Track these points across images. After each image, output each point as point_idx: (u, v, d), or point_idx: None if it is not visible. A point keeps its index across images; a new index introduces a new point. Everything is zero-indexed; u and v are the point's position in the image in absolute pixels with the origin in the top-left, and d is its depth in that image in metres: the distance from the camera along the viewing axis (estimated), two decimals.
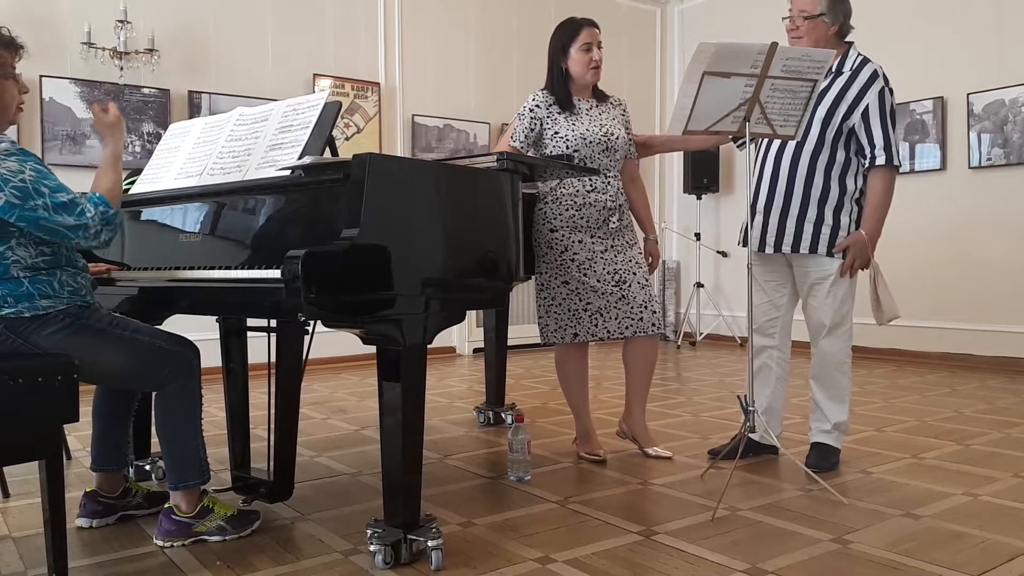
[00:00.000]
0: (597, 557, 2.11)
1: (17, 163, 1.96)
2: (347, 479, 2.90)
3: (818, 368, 2.93)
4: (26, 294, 2.02)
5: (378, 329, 1.99)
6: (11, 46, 2.08)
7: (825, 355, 2.91)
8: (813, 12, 2.83)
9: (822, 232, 2.84)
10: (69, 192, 2.01)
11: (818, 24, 2.83)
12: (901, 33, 5.94)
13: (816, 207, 2.85)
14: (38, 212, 1.94)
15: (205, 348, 2.33)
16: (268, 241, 2.17)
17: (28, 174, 1.96)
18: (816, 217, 2.85)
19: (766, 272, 3.02)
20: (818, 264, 2.87)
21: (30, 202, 1.93)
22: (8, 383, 1.86)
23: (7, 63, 2.07)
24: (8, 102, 2.09)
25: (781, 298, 3.02)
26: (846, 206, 2.85)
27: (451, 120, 6.44)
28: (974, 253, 5.59)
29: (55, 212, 1.96)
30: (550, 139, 3.05)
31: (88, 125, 4.95)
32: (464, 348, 6.53)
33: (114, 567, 2.09)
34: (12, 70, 2.09)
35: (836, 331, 2.88)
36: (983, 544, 2.16)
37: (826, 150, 2.84)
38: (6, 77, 2.07)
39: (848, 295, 2.88)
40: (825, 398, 2.92)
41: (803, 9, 2.86)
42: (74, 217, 1.98)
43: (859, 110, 2.80)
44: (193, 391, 2.22)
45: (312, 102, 2.29)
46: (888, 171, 2.82)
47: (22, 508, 2.59)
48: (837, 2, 2.83)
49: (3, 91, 2.07)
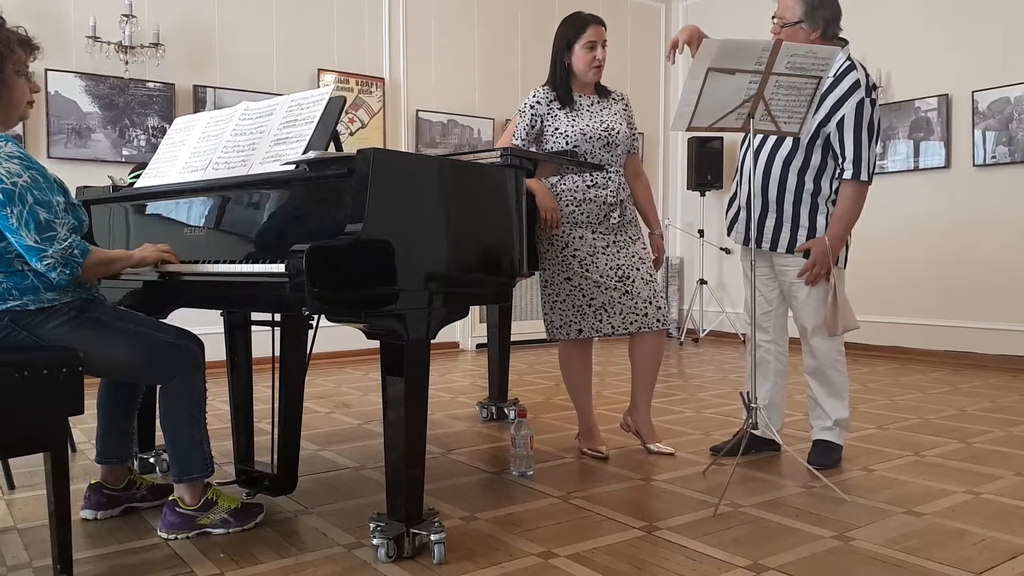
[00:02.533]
0: (599, 552, 2.11)
1: (19, 167, 1.97)
2: (350, 473, 2.91)
3: (812, 366, 2.94)
4: (31, 287, 2.03)
5: (382, 324, 1.99)
6: (27, 45, 2.10)
7: (817, 354, 2.91)
8: (791, 20, 2.84)
9: (797, 234, 2.85)
10: (56, 215, 1.99)
11: (797, 31, 2.82)
12: (907, 30, 5.93)
13: (791, 207, 2.85)
14: (10, 220, 1.94)
15: (210, 342, 2.34)
16: (272, 235, 2.17)
17: (23, 179, 1.96)
18: (792, 217, 2.85)
19: (757, 268, 3.02)
20: (796, 265, 2.88)
21: (8, 207, 1.93)
22: (13, 375, 1.87)
23: (21, 61, 2.08)
24: (19, 99, 2.10)
25: (771, 292, 3.03)
26: (821, 207, 2.84)
27: (455, 116, 6.44)
28: (977, 251, 5.58)
29: (24, 224, 1.94)
30: (550, 135, 3.05)
31: (93, 119, 4.96)
32: (467, 343, 6.54)
33: (118, 559, 2.11)
34: (25, 68, 2.10)
35: (822, 331, 2.87)
36: (984, 542, 2.17)
37: (801, 152, 2.84)
38: (19, 75, 2.08)
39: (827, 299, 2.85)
40: (823, 395, 2.93)
41: (781, 16, 2.86)
42: (39, 237, 1.95)
43: (835, 119, 2.77)
44: (198, 385, 2.23)
45: (316, 97, 2.29)
46: (856, 184, 2.78)
47: (27, 500, 2.61)
48: (816, 8, 2.80)
49: (15, 88, 2.08)
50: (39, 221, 1.96)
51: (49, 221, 1.97)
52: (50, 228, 1.97)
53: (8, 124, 2.14)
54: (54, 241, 1.97)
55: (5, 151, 1.97)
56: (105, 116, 5.03)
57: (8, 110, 2.09)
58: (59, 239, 1.98)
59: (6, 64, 2.03)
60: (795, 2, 2.81)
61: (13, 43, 2.04)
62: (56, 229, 1.98)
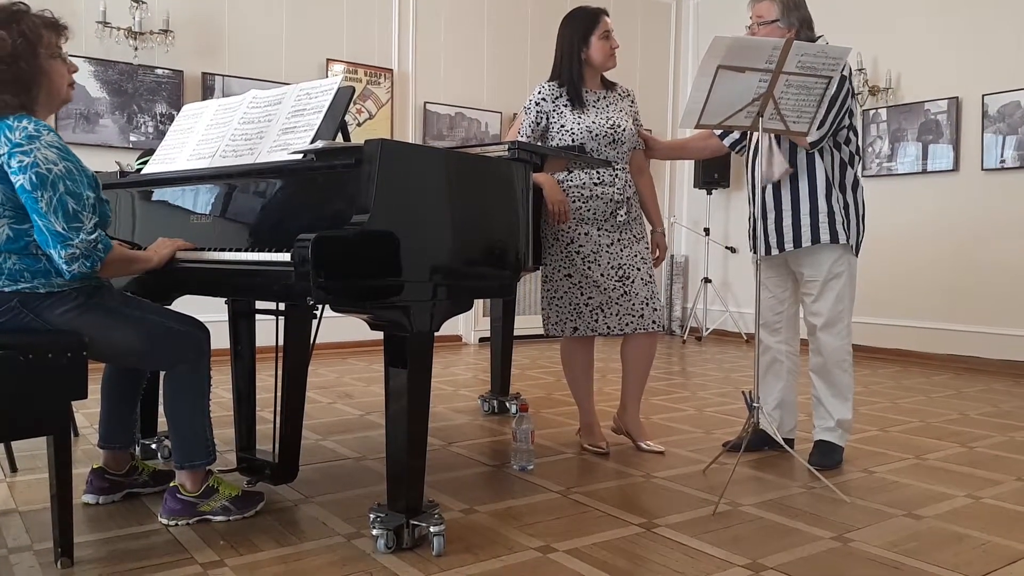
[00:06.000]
0: (597, 548, 2.12)
1: (56, 155, 1.98)
2: (351, 463, 2.92)
3: (818, 364, 2.94)
4: (43, 271, 2.04)
5: (386, 315, 2.00)
6: (56, 27, 2.10)
7: (824, 351, 2.91)
8: (768, 18, 2.91)
9: (819, 219, 2.85)
10: (84, 208, 2.00)
11: (773, 30, 2.89)
12: (917, 33, 5.91)
13: (807, 197, 2.86)
14: (39, 203, 1.95)
15: (213, 330, 2.34)
16: (278, 224, 2.17)
17: (59, 168, 1.97)
18: (810, 208, 2.85)
19: (768, 271, 3.04)
20: (812, 263, 2.88)
21: (40, 191, 1.94)
22: (18, 359, 1.88)
23: (52, 44, 2.08)
24: (59, 84, 2.11)
25: (784, 292, 3.04)
26: (833, 192, 2.86)
27: (463, 108, 6.43)
28: (984, 255, 5.56)
29: (53, 211, 1.95)
30: (556, 132, 3.04)
31: (102, 104, 4.96)
32: (470, 337, 6.54)
33: (119, 544, 2.11)
34: (59, 50, 2.10)
35: (833, 328, 2.89)
36: (984, 546, 2.17)
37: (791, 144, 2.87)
38: (54, 57, 2.08)
39: (843, 295, 2.88)
40: (827, 395, 2.93)
41: (760, 15, 2.94)
42: (66, 225, 1.96)
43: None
44: (202, 372, 2.23)
45: (325, 86, 2.29)
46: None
47: (29, 483, 2.62)
48: (791, 8, 2.89)
49: (52, 71, 2.08)
50: (67, 210, 1.97)
51: (77, 212, 1.99)
52: (77, 219, 1.98)
53: (51, 109, 2.15)
54: (80, 232, 1.98)
55: (46, 139, 1.98)
56: (113, 102, 5.04)
57: (50, 95, 2.10)
58: (86, 230, 1.99)
59: (38, 49, 2.03)
60: (772, 4, 2.92)
61: (39, 27, 2.05)
62: (83, 221, 1.99)
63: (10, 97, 2.00)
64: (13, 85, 2.00)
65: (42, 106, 2.10)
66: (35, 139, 1.96)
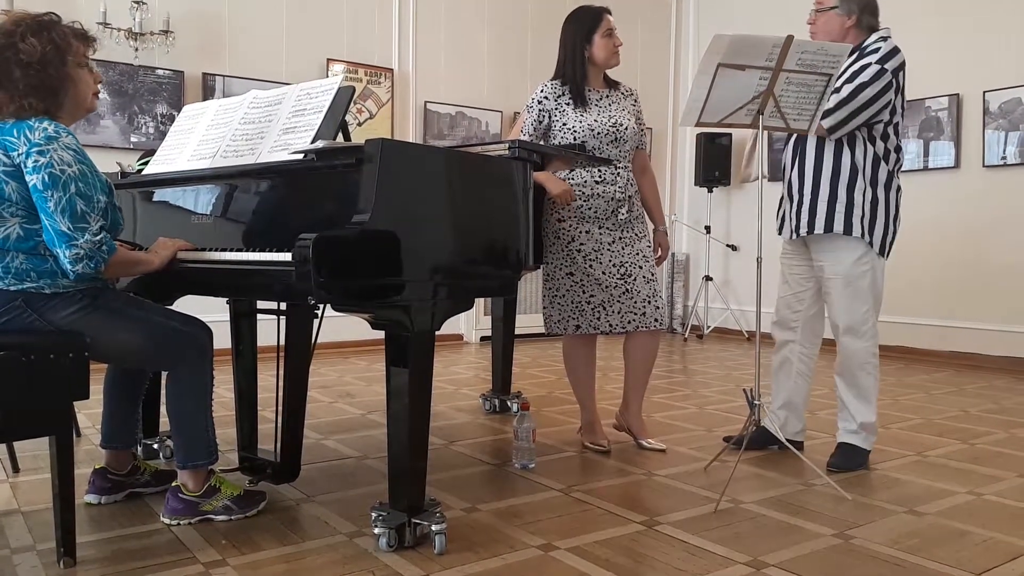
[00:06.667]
0: (599, 545, 2.12)
1: (72, 158, 2.00)
2: (353, 462, 2.92)
3: (842, 365, 2.89)
4: (50, 271, 2.05)
5: (387, 314, 2.00)
6: (84, 38, 2.15)
7: (847, 353, 2.86)
8: (825, 5, 2.85)
9: (835, 208, 2.81)
10: (92, 210, 2.02)
11: (831, 17, 2.83)
12: (918, 29, 5.89)
13: (829, 186, 2.82)
14: (48, 203, 1.97)
15: (215, 330, 2.34)
16: (279, 224, 2.18)
17: (72, 170, 1.99)
18: (829, 196, 2.81)
19: (793, 264, 3.01)
20: (831, 258, 2.85)
21: (50, 190, 1.96)
22: (20, 359, 1.88)
23: (80, 53, 2.13)
24: (84, 92, 2.15)
25: (805, 292, 2.99)
26: (858, 183, 2.80)
27: (463, 107, 6.43)
28: (985, 253, 5.55)
29: (61, 211, 1.97)
30: (558, 131, 3.04)
31: (103, 105, 4.96)
32: (471, 336, 6.54)
33: (121, 543, 2.12)
34: (86, 60, 2.15)
35: (857, 331, 2.83)
36: (985, 543, 2.17)
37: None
38: (81, 66, 2.13)
39: (864, 296, 2.82)
40: (850, 396, 2.87)
41: (819, 1, 2.87)
42: (72, 225, 1.98)
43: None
44: (204, 372, 2.24)
45: (326, 86, 2.29)
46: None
47: (32, 483, 2.62)
48: None
49: (79, 80, 2.13)
50: (75, 211, 1.99)
51: (85, 213, 2.00)
52: (84, 220, 2.00)
53: (75, 117, 2.19)
54: (86, 232, 1.99)
55: (64, 141, 2.01)
56: (114, 103, 5.04)
57: (75, 103, 2.14)
58: (91, 231, 2.01)
59: (66, 57, 2.08)
60: None
61: (69, 36, 2.10)
62: (90, 222, 2.01)
63: (36, 101, 2.03)
64: (40, 90, 2.04)
65: (67, 113, 2.13)
66: (53, 140, 1.98)
